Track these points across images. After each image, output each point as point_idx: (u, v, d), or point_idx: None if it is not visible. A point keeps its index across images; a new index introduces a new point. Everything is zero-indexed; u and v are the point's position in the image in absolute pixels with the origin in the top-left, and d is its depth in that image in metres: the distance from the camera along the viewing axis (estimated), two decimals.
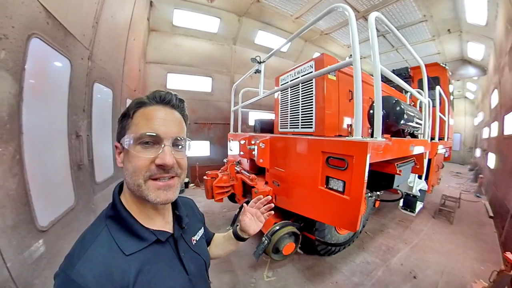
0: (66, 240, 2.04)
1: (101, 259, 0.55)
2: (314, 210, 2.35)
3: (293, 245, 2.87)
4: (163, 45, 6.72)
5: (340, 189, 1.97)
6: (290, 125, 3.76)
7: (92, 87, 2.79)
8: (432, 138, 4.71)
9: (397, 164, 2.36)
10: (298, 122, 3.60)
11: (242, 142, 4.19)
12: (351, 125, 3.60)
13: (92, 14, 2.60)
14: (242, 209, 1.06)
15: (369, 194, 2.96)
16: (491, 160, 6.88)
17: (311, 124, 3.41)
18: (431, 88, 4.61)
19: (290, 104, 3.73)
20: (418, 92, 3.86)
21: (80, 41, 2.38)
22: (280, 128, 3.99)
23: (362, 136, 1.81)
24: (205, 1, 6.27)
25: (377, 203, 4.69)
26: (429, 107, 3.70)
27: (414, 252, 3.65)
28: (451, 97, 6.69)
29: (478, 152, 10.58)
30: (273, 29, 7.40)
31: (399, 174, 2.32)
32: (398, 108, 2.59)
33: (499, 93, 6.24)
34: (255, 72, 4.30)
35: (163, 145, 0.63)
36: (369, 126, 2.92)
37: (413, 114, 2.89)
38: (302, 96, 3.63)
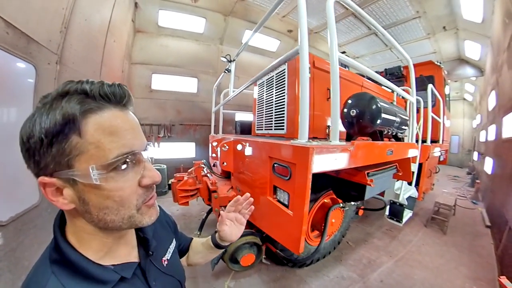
0: (27, 236, 2.12)
1: None
2: (266, 222, 1.98)
3: (253, 257, 2.59)
4: (149, 46, 6.59)
5: (286, 202, 1.60)
6: (265, 126, 3.51)
7: None
8: (424, 141, 4.28)
9: (368, 173, 1.93)
10: (272, 123, 3.30)
11: (214, 144, 3.87)
12: (329, 126, 3.22)
13: (59, 20, 2.66)
14: (220, 217, 0.90)
15: (342, 205, 2.55)
16: (488, 165, 6.38)
17: (283, 126, 3.09)
18: (423, 87, 4.16)
19: (266, 104, 3.47)
20: (406, 91, 3.45)
21: (46, 46, 2.44)
22: (257, 129, 3.71)
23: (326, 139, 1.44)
24: (189, 1, 6.08)
25: (361, 211, 4.27)
26: (419, 107, 3.30)
27: (399, 267, 3.21)
28: (447, 98, 6.21)
29: (476, 155, 10.03)
30: (261, 28, 7.01)
31: (370, 185, 1.89)
32: (374, 107, 2.17)
33: (497, 93, 5.76)
34: (225, 71, 4.14)
35: (143, 161, 0.50)
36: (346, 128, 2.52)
37: (395, 114, 2.46)
38: (275, 96, 3.32)
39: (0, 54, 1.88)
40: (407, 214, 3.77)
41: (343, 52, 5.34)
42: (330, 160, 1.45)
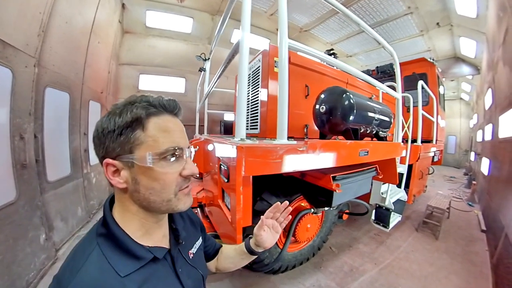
0: (2, 231, 2.12)
1: (93, 282, 0.48)
2: (222, 227, 1.72)
3: None
4: (137, 47, 6.46)
5: (229, 206, 1.37)
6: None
7: (43, 92, 2.87)
8: (414, 141, 3.97)
9: (334, 176, 1.64)
10: (248, 123, 3.11)
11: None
12: (307, 125, 2.94)
13: (37, 24, 2.67)
14: (260, 222, 0.87)
15: (313, 210, 2.26)
16: (485, 166, 6.01)
17: (257, 125, 2.84)
18: (416, 85, 3.86)
19: (239, 103, 3.20)
20: (393, 88, 3.15)
21: (23, 50, 2.46)
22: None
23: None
24: (175, 1, 5.88)
25: (345, 215, 3.96)
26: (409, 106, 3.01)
27: (383, 275, 2.90)
28: (441, 96, 5.86)
29: (473, 156, 9.62)
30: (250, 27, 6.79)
31: (334, 190, 1.60)
32: (346, 102, 1.89)
33: (494, 91, 5.41)
34: (199, 71, 4.00)
35: (185, 157, 0.59)
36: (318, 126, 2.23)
37: (374, 111, 2.17)
38: (251, 94, 3.10)
39: None
40: (395, 219, 3.45)
41: (331, 50, 5.06)
42: (271, 161, 1.20)
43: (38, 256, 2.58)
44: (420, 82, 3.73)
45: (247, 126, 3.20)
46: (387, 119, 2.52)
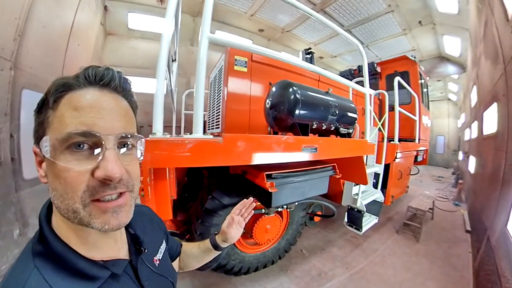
0: None
1: None
2: None
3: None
4: (119, 48, 6.35)
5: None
6: (210, 125, 3.20)
7: (20, 93, 2.87)
8: (391, 140, 3.69)
9: (269, 174, 1.37)
10: (214, 121, 2.99)
11: None
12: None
13: (13, 29, 2.67)
14: (230, 219, 0.87)
15: (265, 211, 2.00)
16: (472, 164, 5.71)
17: (219, 124, 2.70)
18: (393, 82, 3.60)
19: (210, 101, 3.24)
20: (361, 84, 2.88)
21: None
22: (208, 128, 3.38)
23: None
24: (155, 3, 5.67)
25: (316, 217, 3.67)
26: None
27: (353, 281, 2.61)
28: (424, 94, 5.57)
29: (461, 155, 9.30)
30: (231, 28, 6.77)
31: (267, 189, 1.35)
32: (292, 96, 1.62)
33: (478, 87, 5.13)
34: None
35: (103, 149, 0.40)
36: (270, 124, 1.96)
37: (329, 106, 1.89)
38: (216, 93, 2.94)
39: None
40: (370, 221, 3.14)
41: (309, 49, 4.80)
42: (178, 155, 1.13)
43: (11, 250, 2.56)
44: (397, 78, 3.46)
45: (212, 125, 3.04)
46: (349, 114, 2.24)
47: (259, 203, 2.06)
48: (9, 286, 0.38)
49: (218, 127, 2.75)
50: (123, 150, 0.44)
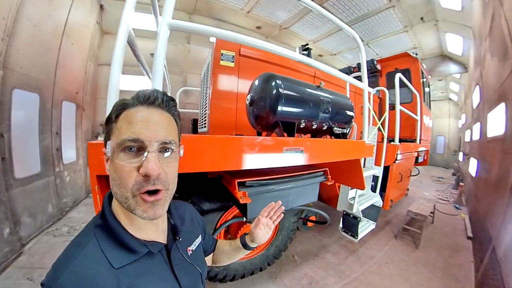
0: None
1: (87, 272, 0.47)
2: None
3: None
4: None
5: None
6: (200, 125, 3.01)
7: (10, 93, 2.86)
8: (391, 140, 3.39)
9: (243, 182, 1.11)
10: (202, 121, 2.80)
11: None
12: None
13: (0, 29, 2.64)
14: (256, 221, 0.88)
15: (246, 219, 1.74)
16: (473, 167, 5.37)
17: (205, 123, 2.49)
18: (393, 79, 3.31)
19: (200, 100, 3.06)
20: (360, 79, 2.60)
21: None
22: (199, 127, 3.16)
23: None
24: (150, 1, 5.38)
25: (309, 223, 3.40)
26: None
27: None
28: (427, 93, 5.23)
29: (461, 156, 8.92)
30: (227, 25, 6.44)
31: (238, 199, 1.10)
32: (274, 91, 1.34)
33: (481, 88, 4.78)
34: None
35: (147, 152, 0.50)
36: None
37: (320, 101, 1.62)
38: (204, 91, 2.74)
39: None
40: (367, 227, 2.87)
41: (306, 45, 4.49)
42: None
43: (1, 249, 2.55)
44: (398, 75, 3.15)
45: (201, 125, 2.83)
46: (344, 112, 1.96)
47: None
48: (74, 245, 0.51)
49: (205, 127, 2.51)
50: (167, 154, 0.54)
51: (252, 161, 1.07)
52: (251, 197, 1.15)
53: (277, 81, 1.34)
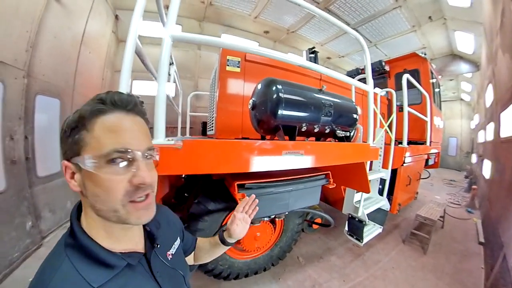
0: None
1: None
2: None
3: None
4: None
5: None
6: (208, 128, 3.12)
7: (34, 99, 3.08)
8: (400, 142, 3.34)
9: (243, 184, 1.14)
10: (211, 124, 2.91)
11: None
12: None
13: (24, 41, 2.86)
14: (232, 217, 0.90)
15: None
16: (487, 168, 5.18)
17: (213, 126, 2.57)
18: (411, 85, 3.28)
19: (209, 104, 3.17)
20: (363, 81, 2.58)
21: (12, 65, 2.67)
22: (208, 130, 3.25)
23: None
24: (164, 11, 5.60)
25: (315, 225, 3.38)
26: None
27: None
28: (437, 94, 5.10)
29: (474, 158, 8.59)
30: (236, 31, 6.61)
31: (239, 201, 1.13)
32: (274, 96, 1.37)
33: (494, 86, 4.62)
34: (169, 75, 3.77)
35: (137, 161, 0.49)
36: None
37: (321, 105, 1.63)
38: (213, 95, 2.79)
39: None
40: (373, 231, 2.82)
41: (312, 48, 4.49)
42: None
43: (23, 240, 2.72)
44: (405, 76, 3.10)
45: (210, 128, 2.95)
46: (347, 115, 1.96)
47: None
48: (46, 270, 0.46)
49: (212, 130, 2.58)
50: (150, 160, 0.53)
51: (252, 164, 1.10)
52: None
53: (278, 85, 1.37)
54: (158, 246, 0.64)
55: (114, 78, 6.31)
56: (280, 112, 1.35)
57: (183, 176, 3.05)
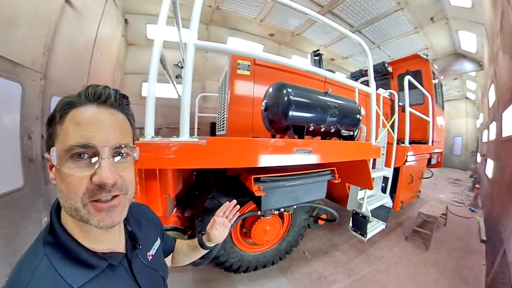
0: (10, 210, 2.43)
1: None
2: None
3: None
4: (140, 57, 6.68)
5: None
6: (219, 128, 3.24)
7: (50, 100, 3.20)
8: (402, 142, 3.45)
9: (258, 178, 1.30)
10: (221, 124, 3.04)
11: None
12: None
13: (41, 45, 3.00)
14: (212, 222, 0.90)
15: (261, 212, 1.91)
16: (490, 168, 5.23)
17: (224, 127, 2.69)
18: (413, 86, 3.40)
19: (219, 105, 3.31)
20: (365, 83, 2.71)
21: (30, 67, 2.79)
22: (217, 130, 3.42)
23: None
24: (172, 14, 5.80)
25: (320, 221, 3.51)
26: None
27: None
28: (439, 94, 5.17)
29: (479, 157, 8.60)
30: (242, 34, 6.80)
31: (254, 193, 1.30)
32: (285, 98, 1.52)
33: (496, 86, 4.68)
34: (176, 77, 3.95)
35: (100, 158, 0.45)
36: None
37: (327, 106, 1.77)
38: (223, 96, 2.96)
39: None
40: (376, 227, 2.95)
41: (317, 50, 4.62)
42: (163, 157, 1.15)
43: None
44: (407, 77, 3.21)
45: (220, 128, 3.07)
46: (351, 116, 2.09)
47: (255, 205, 2.00)
48: (23, 269, 0.44)
49: (223, 130, 2.72)
50: (118, 158, 0.49)
51: (266, 160, 1.25)
52: (265, 191, 1.34)
53: (288, 89, 1.51)
54: (140, 247, 0.63)
55: (124, 80, 6.57)
56: (290, 113, 1.49)
57: (194, 173, 3.21)
